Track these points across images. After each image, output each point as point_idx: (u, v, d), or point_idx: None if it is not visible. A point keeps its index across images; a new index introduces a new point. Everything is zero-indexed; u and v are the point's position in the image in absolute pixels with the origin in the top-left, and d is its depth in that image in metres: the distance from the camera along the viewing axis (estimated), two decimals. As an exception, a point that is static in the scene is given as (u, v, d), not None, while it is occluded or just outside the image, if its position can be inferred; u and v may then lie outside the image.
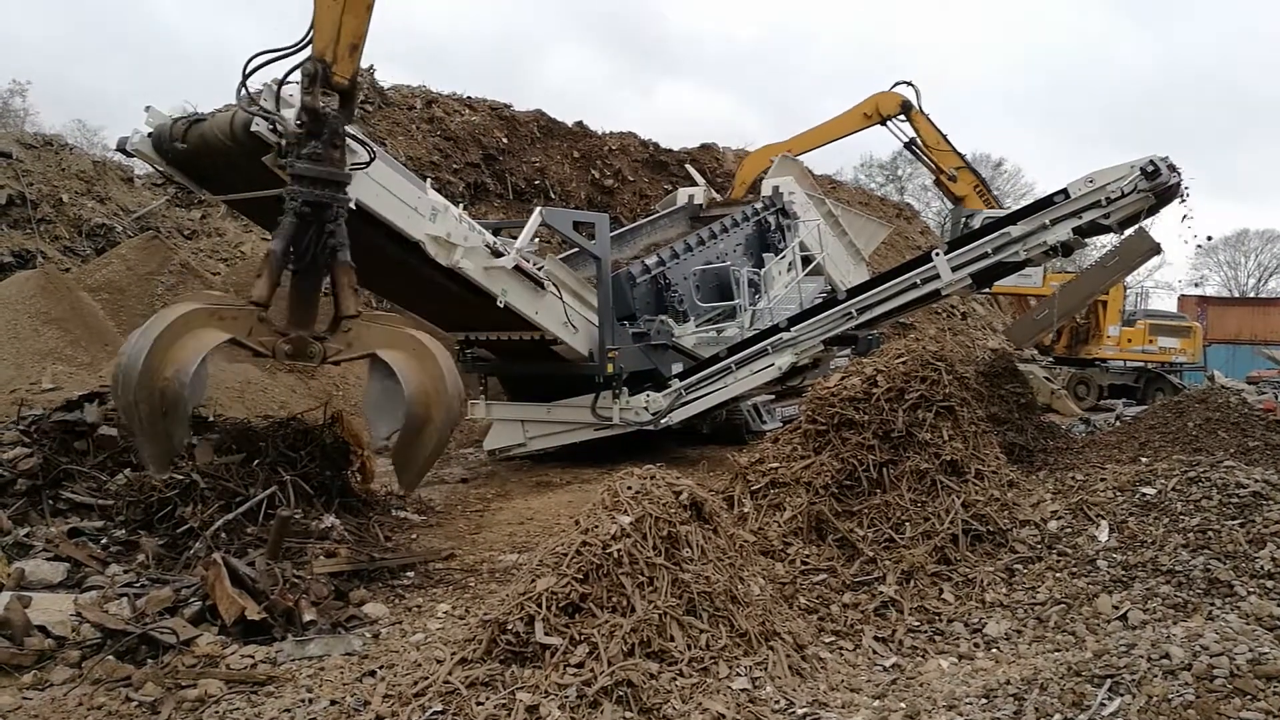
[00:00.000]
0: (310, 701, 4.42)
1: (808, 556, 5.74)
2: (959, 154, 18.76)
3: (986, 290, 19.68)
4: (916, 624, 5.17)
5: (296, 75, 6.64)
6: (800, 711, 3.95)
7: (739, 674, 4.16)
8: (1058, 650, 4.63)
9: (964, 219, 19.20)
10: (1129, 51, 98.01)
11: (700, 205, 15.83)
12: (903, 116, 18.04)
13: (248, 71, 6.70)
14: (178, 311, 6.03)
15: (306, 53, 6.59)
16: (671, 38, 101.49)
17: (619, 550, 4.34)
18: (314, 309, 6.96)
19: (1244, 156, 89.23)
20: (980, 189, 18.88)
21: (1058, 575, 5.41)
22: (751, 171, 17.75)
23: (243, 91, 6.82)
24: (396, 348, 6.73)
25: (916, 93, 17.94)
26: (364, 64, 25.53)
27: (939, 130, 18.24)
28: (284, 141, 6.88)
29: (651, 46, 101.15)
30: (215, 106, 7.21)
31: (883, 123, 18.20)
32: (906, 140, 18.55)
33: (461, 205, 10.04)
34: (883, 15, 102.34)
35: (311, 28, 6.58)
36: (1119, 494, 6.06)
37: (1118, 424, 12.35)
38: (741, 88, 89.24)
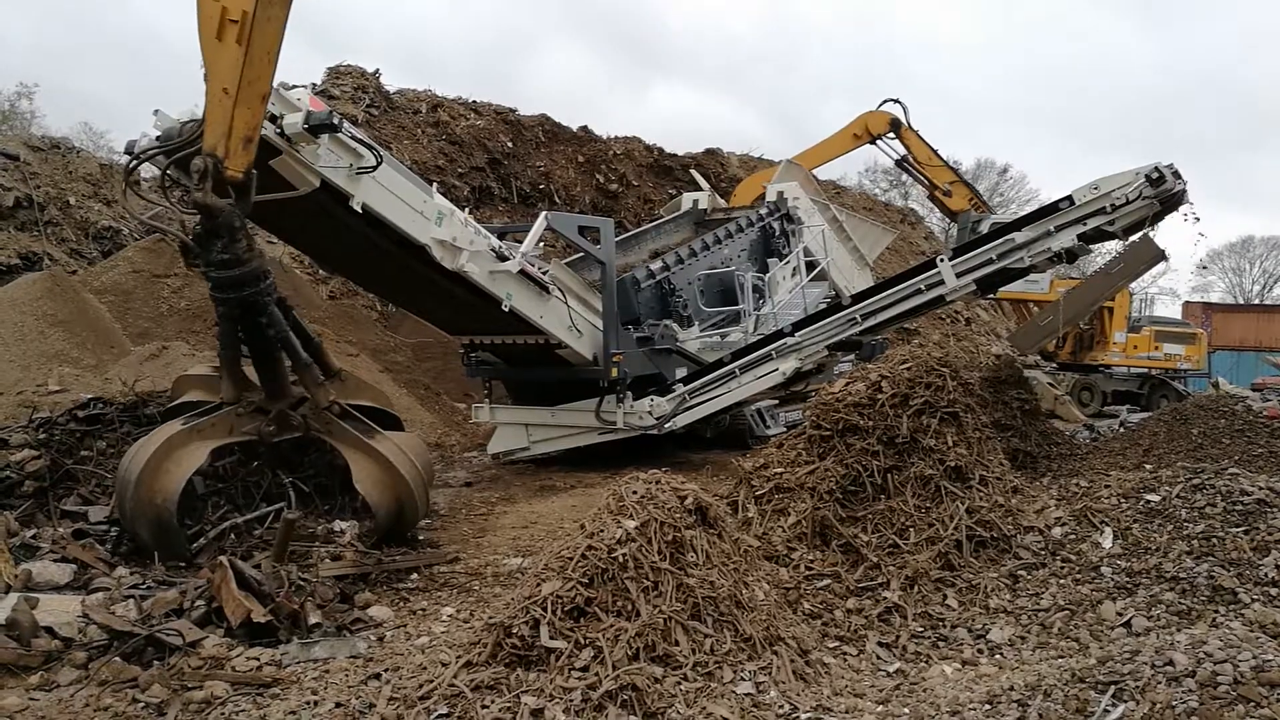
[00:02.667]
0: (315, 704, 4.43)
1: (812, 562, 5.75)
2: (951, 168, 18.74)
3: (991, 296, 19.66)
4: (920, 630, 5.17)
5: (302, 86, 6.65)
6: (804, 716, 3.96)
7: (743, 679, 4.17)
8: (1061, 656, 4.63)
9: (973, 224, 19.20)
10: (1137, 55, 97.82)
11: (705, 210, 15.84)
12: (892, 134, 18.04)
13: (130, 166, 6.64)
14: (160, 438, 6.54)
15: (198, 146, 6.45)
16: (670, 36, 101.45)
17: (624, 554, 4.35)
18: (283, 379, 7.23)
19: (1255, 163, 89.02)
20: (975, 202, 18.85)
21: (1062, 581, 5.41)
22: (747, 196, 17.77)
23: (125, 188, 6.75)
24: (360, 454, 7.19)
25: (904, 110, 17.92)
26: (369, 68, 25.16)
27: (930, 146, 18.21)
28: (189, 244, 6.85)
29: (648, 47, 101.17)
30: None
31: (873, 141, 18.20)
32: (898, 158, 18.54)
33: (467, 209, 10.05)
34: (885, 15, 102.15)
35: (203, 121, 6.45)
36: (1123, 501, 6.06)
37: (1122, 430, 12.34)
38: (742, 89, 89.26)
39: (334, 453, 7.33)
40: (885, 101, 18.14)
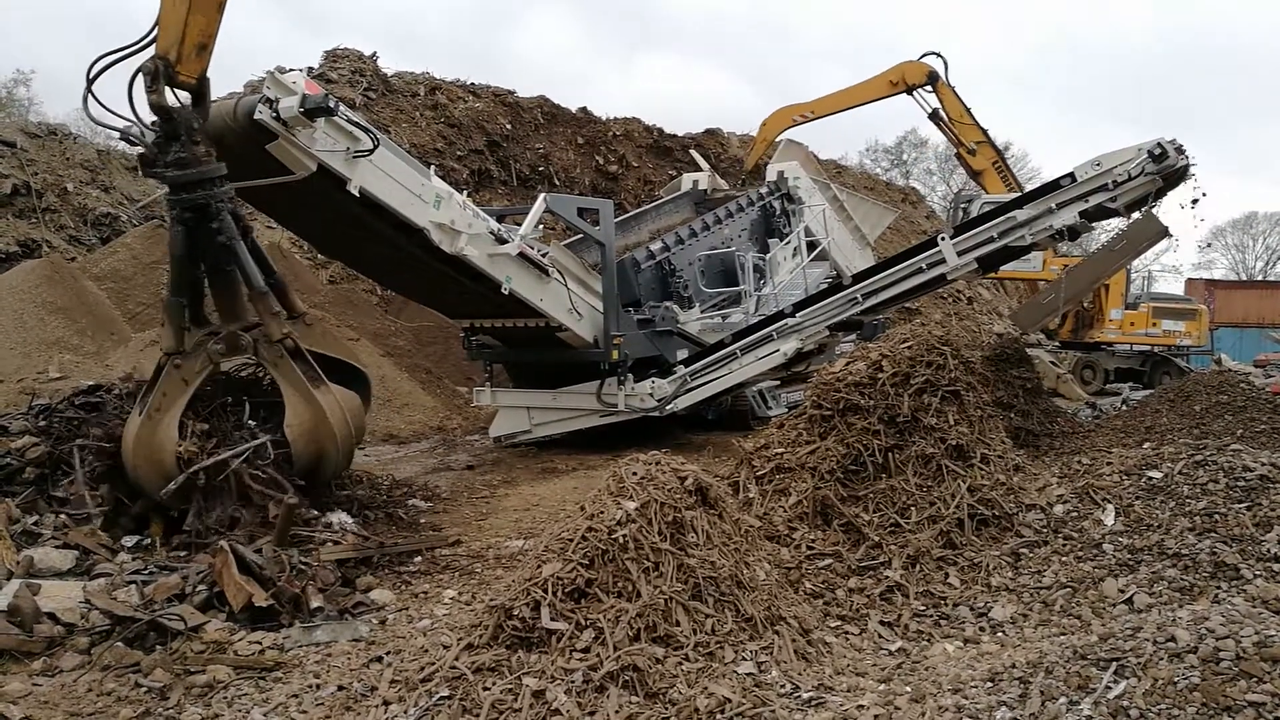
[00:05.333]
0: (318, 687, 4.45)
1: (813, 541, 5.74)
2: (981, 129, 18.64)
3: (992, 275, 19.61)
4: (922, 608, 5.17)
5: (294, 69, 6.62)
6: (806, 695, 3.96)
7: (745, 658, 4.17)
8: (1063, 634, 4.63)
9: (963, 205, 19.15)
10: (1140, 22, 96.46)
11: (705, 191, 15.77)
12: (928, 87, 17.96)
13: (91, 75, 6.62)
14: (130, 435, 6.63)
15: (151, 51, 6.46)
16: (658, 5, 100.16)
17: (624, 536, 4.34)
18: (239, 300, 7.08)
19: (1260, 134, 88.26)
20: (999, 165, 18.78)
21: (1063, 559, 5.41)
22: (774, 129, 17.69)
23: (89, 97, 6.67)
24: (299, 398, 6.97)
25: (945, 64, 17.89)
26: (365, 51, 25.03)
27: (963, 103, 18.15)
28: (149, 150, 6.80)
29: (636, 16, 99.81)
30: (218, 95, 7.16)
31: (908, 92, 18.12)
32: (930, 111, 18.46)
33: (465, 192, 10.01)
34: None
35: (156, 24, 6.46)
36: (1125, 478, 6.05)
37: (1124, 408, 12.32)
38: (738, 62, 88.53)
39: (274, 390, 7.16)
40: (926, 54, 18.09)
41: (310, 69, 21.48)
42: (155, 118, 6.63)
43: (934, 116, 18.60)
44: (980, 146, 18.62)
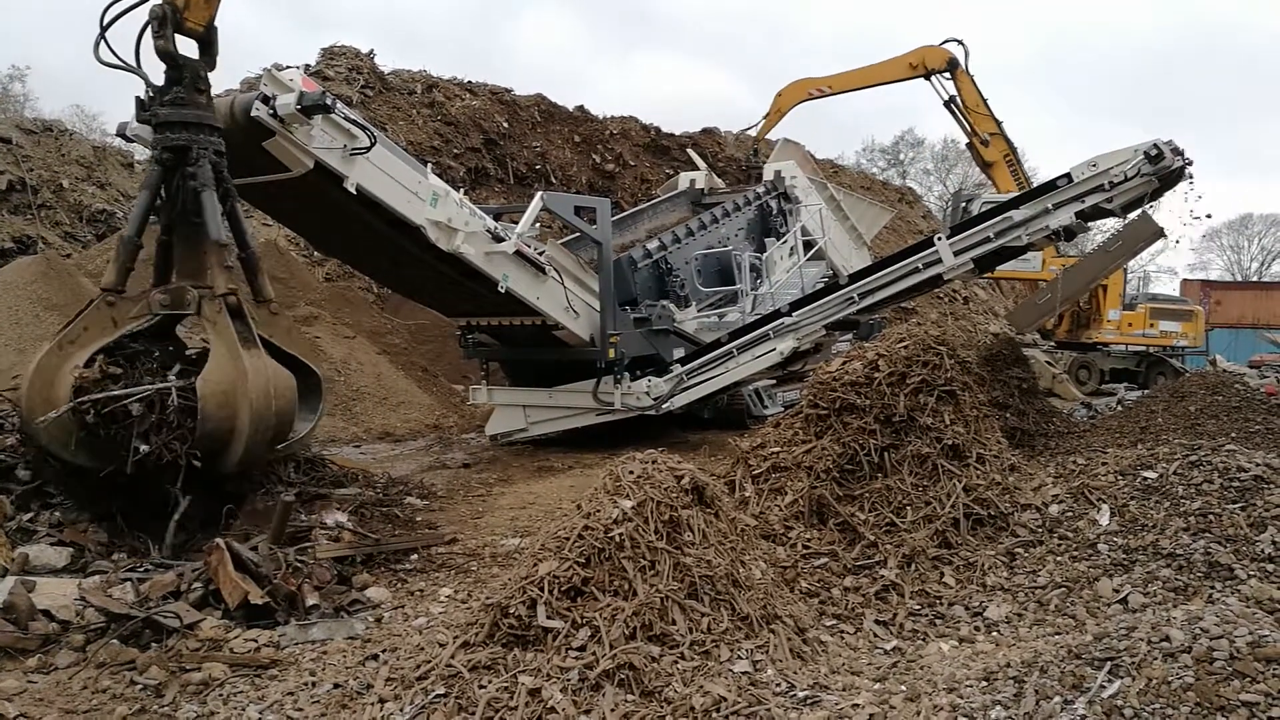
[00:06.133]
0: (313, 685, 4.44)
1: (809, 540, 5.75)
2: (996, 121, 18.60)
3: (989, 275, 19.62)
4: (917, 607, 5.18)
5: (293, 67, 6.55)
6: (801, 694, 3.97)
7: (740, 657, 4.17)
8: (1058, 633, 4.64)
9: (964, 204, 19.13)
10: (1139, 22, 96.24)
11: (702, 190, 15.79)
12: (947, 74, 17.91)
13: (105, 23, 6.51)
14: (33, 363, 6.21)
15: None
16: (656, 4, 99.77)
17: (621, 534, 4.35)
18: (201, 257, 6.64)
19: (1258, 130, 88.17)
20: (1010, 159, 18.74)
21: (1058, 559, 5.42)
22: (789, 101, 17.57)
23: (101, 44, 6.51)
24: (225, 356, 6.31)
25: (965, 51, 17.83)
26: (362, 49, 25.04)
27: (980, 93, 18.09)
28: (147, 95, 6.61)
29: (635, 14, 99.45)
30: (215, 91, 7.14)
31: (926, 77, 18.05)
32: (946, 98, 18.40)
33: (462, 190, 10.01)
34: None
35: None
36: (1120, 478, 6.06)
37: (1119, 408, 12.34)
38: (737, 60, 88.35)
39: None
40: (947, 40, 18.04)
41: (307, 66, 21.45)
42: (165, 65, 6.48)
43: (949, 104, 18.50)
44: (994, 139, 18.55)
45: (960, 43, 17.95)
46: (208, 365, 6.26)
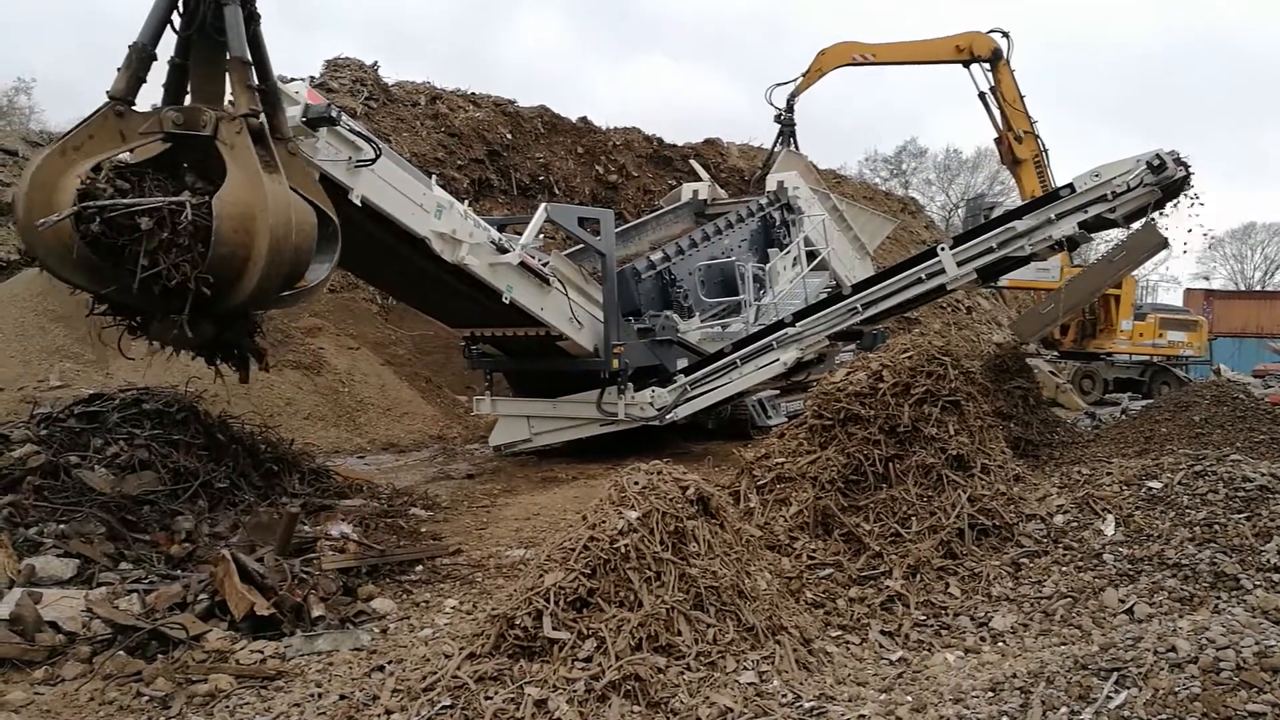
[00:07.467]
0: (319, 696, 4.45)
1: (814, 551, 5.75)
2: (1030, 119, 18.45)
3: (993, 285, 19.60)
4: (923, 618, 5.18)
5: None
6: (807, 705, 3.97)
7: (746, 668, 4.17)
8: (1064, 644, 4.64)
9: (984, 211, 19.02)
10: (1135, 20, 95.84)
11: (705, 200, 15.83)
12: (988, 64, 17.77)
13: None
14: (32, 165, 5.78)
15: None
16: (656, 6, 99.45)
17: (626, 545, 4.35)
18: (220, 79, 6.19)
19: (1260, 136, 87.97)
20: (1039, 159, 18.58)
21: (1064, 569, 5.41)
22: (831, 63, 17.33)
23: None
24: (246, 179, 5.78)
25: (1010, 43, 17.67)
26: (367, 60, 25.07)
27: (1019, 89, 17.97)
28: None
29: (634, 16, 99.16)
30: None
31: (967, 64, 17.89)
32: (983, 89, 18.22)
33: (466, 202, 10.07)
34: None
35: None
36: (1125, 488, 6.06)
37: (1123, 418, 12.34)
38: (740, 64, 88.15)
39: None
40: (994, 30, 17.86)
41: (312, 78, 21.52)
42: None
43: (983, 95, 18.28)
44: (1027, 137, 18.40)
45: (1005, 34, 17.71)
46: (225, 184, 5.75)
